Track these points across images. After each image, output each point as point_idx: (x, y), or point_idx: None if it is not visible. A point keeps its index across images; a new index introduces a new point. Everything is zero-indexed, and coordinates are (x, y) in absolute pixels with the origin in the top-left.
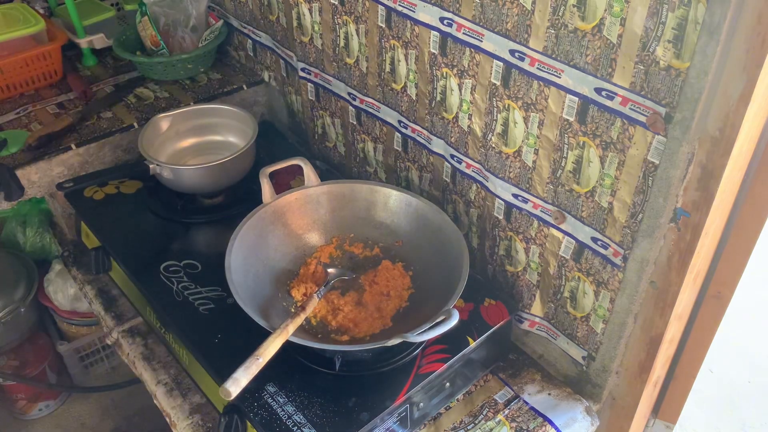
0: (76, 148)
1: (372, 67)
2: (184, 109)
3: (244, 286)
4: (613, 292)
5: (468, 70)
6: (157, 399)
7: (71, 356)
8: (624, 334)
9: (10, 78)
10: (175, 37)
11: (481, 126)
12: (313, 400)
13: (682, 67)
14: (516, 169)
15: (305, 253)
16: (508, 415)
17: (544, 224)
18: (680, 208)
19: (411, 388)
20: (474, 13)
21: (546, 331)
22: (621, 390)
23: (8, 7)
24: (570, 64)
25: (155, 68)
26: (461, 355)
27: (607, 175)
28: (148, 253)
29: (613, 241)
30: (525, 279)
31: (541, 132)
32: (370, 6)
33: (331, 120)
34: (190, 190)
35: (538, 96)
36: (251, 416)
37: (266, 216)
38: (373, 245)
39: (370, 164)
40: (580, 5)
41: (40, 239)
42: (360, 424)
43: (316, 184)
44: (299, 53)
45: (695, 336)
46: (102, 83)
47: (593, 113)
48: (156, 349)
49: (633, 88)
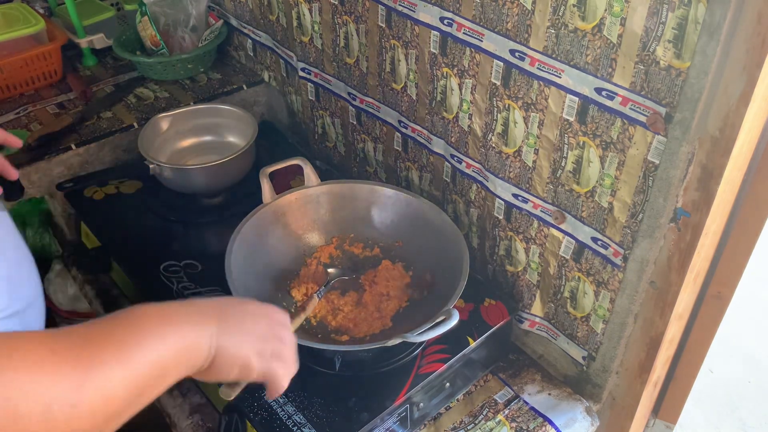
0: (76, 148)
1: (372, 67)
2: (184, 109)
3: (244, 287)
4: (613, 292)
5: (468, 70)
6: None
7: None
8: (624, 334)
9: (10, 78)
10: (175, 37)
11: (481, 126)
12: (313, 400)
13: (682, 67)
14: (516, 169)
15: (305, 253)
16: (508, 415)
17: (544, 224)
18: (680, 208)
19: (411, 388)
20: (474, 12)
21: (546, 331)
22: (621, 390)
23: (8, 7)
24: (570, 64)
25: (155, 68)
26: (461, 355)
27: (607, 175)
28: (148, 253)
29: (613, 241)
30: (525, 279)
31: (541, 132)
32: (370, 6)
33: (331, 120)
34: (190, 190)
35: (538, 96)
36: (251, 416)
37: (266, 216)
38: (373, 245)
39: (370, 164)
40: (581, 5)
41: (40, 239)
42: (360, 424)
43: (316, 184)
44: (299, 53)
45: (695, 336)
46: (102, 83)
47: (593, 113)
48: None
49: (633, 88)
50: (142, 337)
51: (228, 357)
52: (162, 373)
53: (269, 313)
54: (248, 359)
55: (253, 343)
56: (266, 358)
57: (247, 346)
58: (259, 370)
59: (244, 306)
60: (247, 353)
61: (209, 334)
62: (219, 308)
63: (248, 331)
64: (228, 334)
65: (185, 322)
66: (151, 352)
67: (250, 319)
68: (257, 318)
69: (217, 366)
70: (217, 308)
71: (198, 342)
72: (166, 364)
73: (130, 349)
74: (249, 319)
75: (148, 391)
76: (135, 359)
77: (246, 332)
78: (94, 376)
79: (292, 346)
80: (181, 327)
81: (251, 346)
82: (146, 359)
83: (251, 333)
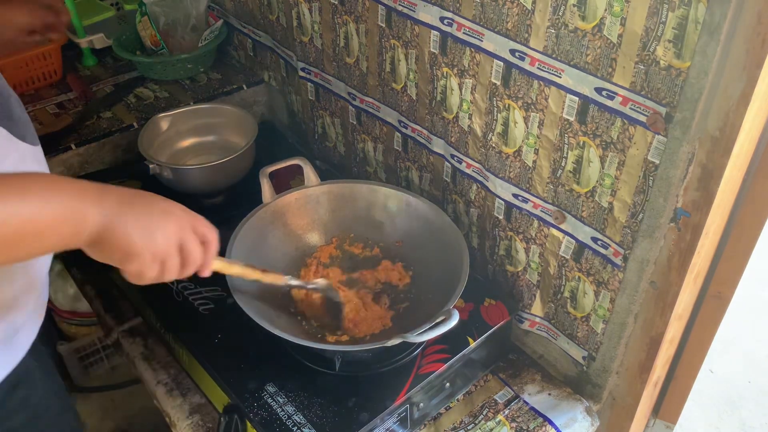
0: (76, 148)
1: (372, 67)
2: (184, 109)
3: (244, 286)
4: (614, 292)
5: (468, 70)
6: (157, 399)
7: (71, 356)
8: (624, 334)
9: (10, 78)
10: (175, 37)
11: (482, 126)
12: (313, 400)
13: (682, 66)
14: (516, 168)
15: (305, 253)
16: (508, 415)
17: (545, 224)
18: (680, 208)
19: (411, 388)
20: (474, 12)
21: (546, 331)
22: (621, 390)
23: None
24: (570, 63)
25: (155, 68)
26: (461, 355)
27: (607, 175)
28: None
29: (614, 241)
30: (525, 279)
31: (541, 132)
32: (370, 6)
33: (331, 120)
34: (190, 190)
35: (538, 96)
36: (251, 416)
37: (266, 216)
38: (373, 245)
39: (370, 164)
40: (581, 5)
41: None
42: (360, 424)
43: (316, 184)
44: (299, 53)
45: (695, 336)
46: (102, 83)
47: (593, 113)
48: (156, 349)
49: (633, 88)
50: (27, 191)
51: (114, 239)
52: (36, 231)
53: (190, 221)
54: (133, 250)
55: (147, 236)
56: (154, 259)
57: (138, 237)
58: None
59: (162, 204)
60: (135, 244)
61: (98, 211)
62: (128, 195)
63: (151, 225)
64: (124, 217)
65: (77, 196)
66: (27, 207)
67: (159, 215)
68: (169, 217)
69: (102, 244)
70: (125, 195)
71: (81, 214)
72: (43, 225)
73: (9, 197)
74: (157, 214)
75: (19, 245)
76: (8, 207)
77: (147, 226)
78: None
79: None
80: (71, 198)
81: (143, 239)
82: (21, 212)
83: (154, 228)
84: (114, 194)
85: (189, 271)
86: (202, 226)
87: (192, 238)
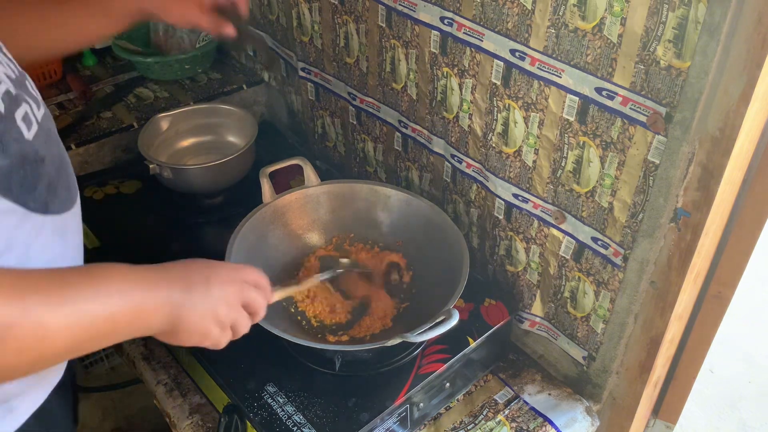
0: (76, 148)
1: (372, 67)
2: (184, 109)
3: None
4: (614, 292)
5: (468, 70)
6: (157, 399)
7: None
8: (624, 335)
9: None
10: (175, 38)
11: (482, 126)
12: (313, 400)
13: (682, 66)
14: (516, 168)
15: (305, 252)
16: (509, 416)
17: (545, 224)
18: (680, 208)
19: (411, 388)
20: (474, 12)
21: (546, 331)
22: (621, 390)
23: None
24: (570, 63)
25: (154, 68)
26: (461, 355)
27: (608, 175)
28: (148, 253)
29: (614, 241)
30: (525, 279)
31: (541, 132)
32: (371, 5)
33: (331, 120)
34: (190, 190)
35: (538, 96)
36: (251, 416)
37: (266, 216)
38: (373, 245)
39: (370, 164)
40: (581, 5)
41: None
42: (360, 424)
43: (316, 184)
44: (299, 53)
45: (695, 336)
46: (102, 83)
47: (593, 113)
48: (156, 349)
49: (633, 88)
50: (94, 290)
51: (189, 325)
52: (112, 327)
53: (240, 277)
54: (208, 330)
55: (215, 313)
56: (225, 328)
57: (208, 318)
58: (213, 340)
59: (214, 270)
60: (207, 325)
61: (165, 302)
62: (186, 276)
63: (213, 301)
64: (190, 303)
65: (140, 288)
66: (97, 305)
67: (217, 288)
68: (225, 285)
69: (180, 332)
70: (184, 276)
71: (148, 306)
72: (117, 320)
73: (76, 297)
74: (215, 288)
75: (96, 341)
76: (78, 307)
77: (212, 306)
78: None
79: (257, 308)
80: (134, 290)
81: (213, 316)
82: (93, 310)
83: (216, 304)
84: (177, 282)
85: (257, 318)
86: (250, 275)
87: (248, 291)
